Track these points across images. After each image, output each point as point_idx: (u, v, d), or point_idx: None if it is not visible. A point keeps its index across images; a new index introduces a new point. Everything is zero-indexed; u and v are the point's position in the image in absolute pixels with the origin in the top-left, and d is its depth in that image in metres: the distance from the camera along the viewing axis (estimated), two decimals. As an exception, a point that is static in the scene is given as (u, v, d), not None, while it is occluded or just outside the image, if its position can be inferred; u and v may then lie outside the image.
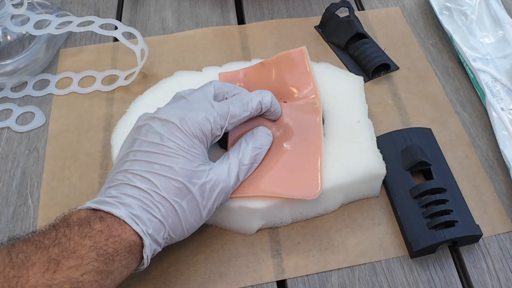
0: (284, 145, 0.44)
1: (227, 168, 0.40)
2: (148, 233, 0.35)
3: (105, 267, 0.33)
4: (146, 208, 0.36)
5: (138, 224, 0.35)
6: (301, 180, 0.42)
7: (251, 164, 0.42)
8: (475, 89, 0.55)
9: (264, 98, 0.43)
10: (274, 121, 0.45)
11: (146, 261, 0.36)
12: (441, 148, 0.48)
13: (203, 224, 0.44)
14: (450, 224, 0.42)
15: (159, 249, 0.37)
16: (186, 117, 0.39)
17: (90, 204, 0.36)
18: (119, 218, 0.35)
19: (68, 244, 0.32)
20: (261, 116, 0.45)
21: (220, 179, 0.39)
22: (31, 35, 0.58)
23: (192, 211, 0.37)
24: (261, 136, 0.43)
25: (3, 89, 0.57)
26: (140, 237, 0.35)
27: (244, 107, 0.42)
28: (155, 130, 0.38)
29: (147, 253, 0.35)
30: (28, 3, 0.57)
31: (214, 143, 0.42)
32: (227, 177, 0.39)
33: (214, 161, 0.41)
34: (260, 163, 0.43)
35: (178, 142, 0.38)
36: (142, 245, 0.35)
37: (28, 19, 0.57)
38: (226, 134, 0.44)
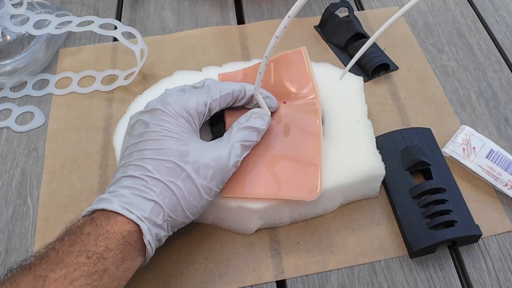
0: (284, 145, 0.44)
1: (221, 146, 0.40)
2: (145, 217, 0.35)
3: (97, 268, 0.32)
4: (140, 194, 0.36)
5: (131, 212, 0.35)
6: (300, 181, 0.42)
7: (245, 142, 0.41)
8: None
9: (246, 86, 0.43)
10: (273, 120, 0.45)
11: (149, 247, 0.36)
12: (440, 148, 0.48)
13: (202, 224, 0.44)
14: (450, 224, 0.42)
15: (164, 233, 0.37)
16: (169, 99, 0.40)
17: (89, 208, 0.36)
18: (111, 212, 0.35)
19: (56, 256, 0.32)
20: None
21: (213, 156, 0.39)
22: (30, 35, 0.58)
23: (189, 189, 0.37)
24: (255, 117, 0.43)
25: (2, 89, 0.57)
26: (137, 225, 0.35)
27: (225, 86, 0.42)
28: (143, 121, 0.40)
29: (148, 238, 0.35)
30: (27, 3, 0.57)
31: (204, 122, 0.42)
32: (221, 154, 0.39)
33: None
34: (259, 164, 0.43)
35: (164, 124, 0.39)
36: (140, 233, 0.35)
37: (28, 19, 0.57)
38: (223, 125, 0.44)
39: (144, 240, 0.35)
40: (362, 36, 0.58)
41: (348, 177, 0.43)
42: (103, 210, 0.35)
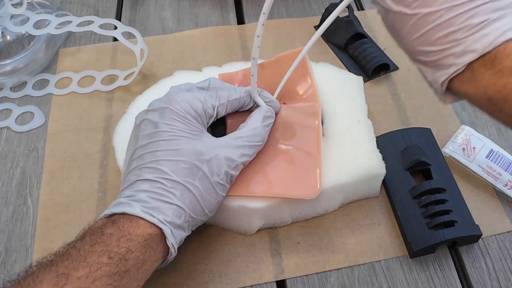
0: (284, 145, 0.44)
1: (230, 143, 0.40)
2: (167, 221, 0.35)
3: (119, 268, 0.32)
4: (160, 198, 0.36)
5: (153, 216, 0.35)
6: (300, 180, 0.42)
7: (253, 139, 0.41)
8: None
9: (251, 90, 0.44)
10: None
11: (173, 249, 0.36)
12: (440, 148, 0.48)
13: (203, 224, 0.44)
14: (450, 224, 0.42)
15: (186, 234, 0.37)
16: (176, 98, 0.40)
17: (106, 211, 0.36)
18: (133, 216, 0.34)
19: (78, 254, 0.32)
20: None
21: (227, 154, 0.39)
22: (30, 35, 0.58)
23: (206, 188, 0.37)
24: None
25: (2, 89, 0.57)
26: (159, 228, 0.35)
27: (233, 91, 0.42)
28: (151, 121, 0.39)
29: (171, 241, 0.35)
30: (27, 3, 0.57)
31: (210, 124, 0.42)
32: (232, 151, 0.39)
33: None
34: (259, 163, 0.43)
35: (174, 124, 0.38)
36: (162, 235, 0.35)
37: (28, 19, 0.57)
38: (224, 127, 0.45)
39: (168, 244, 0.35)
40: (362, 36, 0.58)
41: (349, 176, 0.43)
42: (123, 213, 0.35)
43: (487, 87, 0.29)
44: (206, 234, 0.44)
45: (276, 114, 0.45)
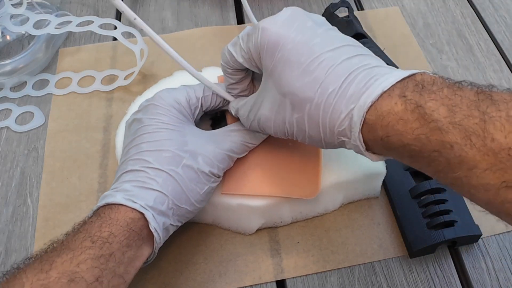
0: (284, 144, 0.44)
1: (216, 134, 0.41)
2: (149, 206, 0.35)
3: (103, 251, 0.32)
4: (143, 185, 0.36)
5: (135, 202, 0.35)
6: (300, 179, 0.42)
7: (247, 140, 0.41)
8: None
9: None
10: None
11: (156, 234, 0.35)
12: (440, 148, 0.48)
13: (202, 224, 0.44)
14: (450, 224, 0.42)
15: (170, 221, 0.37)
16: (160, 94, 0.41)
17: (93, 208, 0.36)
18: (114, 204, 0.35)
19: (61, 245, 0.32)
20: None
21: (210, 144, 0.39)
22: (30, 35, 0.58)
23: (190, 176, 0.37)
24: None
25: (2, 89, 0.57)
26: (141, 213, 0.35)
27: (221, 87, 0.43)
28: (137, 119, 0.40)
29: (153, 225, 0.35)
30: (27, 3, 0.57)
31: (198, 117, 0.43)
32: (216, 142, 0.40)
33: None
34: (259, 162, 0.43)
35: (157, 117, 0.39)
36: (145, 221, 0.35)
37: (28, 19, 0.57)
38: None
39: (150, 228, 0.35)
40: (362, 36, 0.58)
41: (349, 175, 0.43)
42: (106, 205, 0.35)
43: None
44: (205, 234, 0.44)
45: None
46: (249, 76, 0.41)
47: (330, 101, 0.32)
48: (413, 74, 0.31)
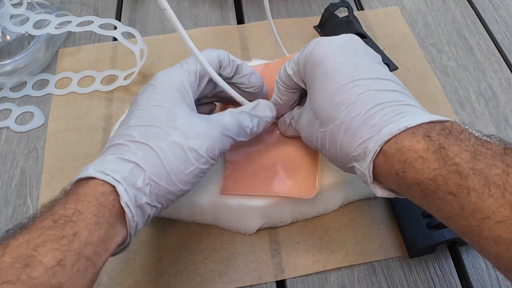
0: (284, 144, 0.44)
1: (211, 116, 0.39)
2: (123, 178, 0.32)
3: (66, 232, 0.29)
4: (121, 157, 0.34)
5: (107, 174, 0.32)
6: (299, 179, 0.42)
7: (243, 123, 0.39)
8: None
9: (231, 56, 0.43)
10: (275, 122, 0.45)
11: (128, 210, 0.32)
12: (440, 148, 0.48)
13: (202, 224, 0.44)
14: (450, 224, 0.42)
15: (147, 200, 0.33)
16: (158, 75, 0.39)
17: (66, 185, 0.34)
18: (84, 178, 0.32)
19: (20, 228, 0.29)
20: None
21: (203, 123, 0.37)
22: (30, 35, 0.58)
23: (175, 153, 0.35)
24: (262, 108, 0.42)
25: (2, 89, 0.57)
26: (112, 186, 0.32)
27: (209, 52, 0.41)
28: (135, 100, 0.39)
29: (125, 199, 0.32)
30: (27, 3, 0.57)
31: (199, 97, 0.41)
32: (210, 122, 0.37)
33: None
34: (259, 162, 0.43)
35: (152, 96, 0.37)
36: (117, 195, 0.32)
37: (28, 19, 0.57)
38: None
39: (121, 202, 0.32)
40: (362, 36, 0.58)
41: (349, 175, 0.43)
42: (78, 181, 0.33)
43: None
44: (206, 233, 0.44)
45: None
46: (293, 102, 0.42)
47: (352, 124, 0.33)
48: (444, 120, 0.31)
